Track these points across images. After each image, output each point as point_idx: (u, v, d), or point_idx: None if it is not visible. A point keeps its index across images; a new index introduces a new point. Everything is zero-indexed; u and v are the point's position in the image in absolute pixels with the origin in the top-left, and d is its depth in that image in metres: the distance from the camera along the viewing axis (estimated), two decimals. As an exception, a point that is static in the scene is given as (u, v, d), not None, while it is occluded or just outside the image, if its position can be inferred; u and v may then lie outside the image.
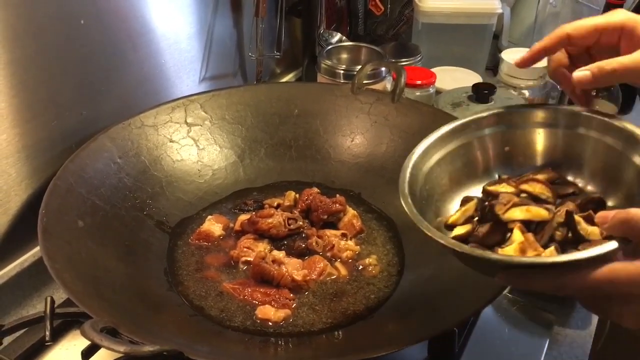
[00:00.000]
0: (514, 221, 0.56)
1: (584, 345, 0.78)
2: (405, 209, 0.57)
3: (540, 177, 0.61)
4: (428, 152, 0.64)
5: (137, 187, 0.86)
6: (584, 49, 0.61)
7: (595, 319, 0.81)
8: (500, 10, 1.30)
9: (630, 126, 0.58)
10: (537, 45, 0.61)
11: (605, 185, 0.60)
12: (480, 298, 0.65)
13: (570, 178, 0.63)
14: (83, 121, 0.89)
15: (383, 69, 1.08)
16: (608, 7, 1.11)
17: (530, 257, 0.52)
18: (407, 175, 0.61)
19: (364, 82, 0.99)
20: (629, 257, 0.46)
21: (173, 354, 0.54)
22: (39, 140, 0.83)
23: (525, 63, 0.63)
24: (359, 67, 1.01)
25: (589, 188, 0.61)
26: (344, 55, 1.17)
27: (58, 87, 0.84)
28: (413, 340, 0.63)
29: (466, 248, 0.53)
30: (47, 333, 0.59)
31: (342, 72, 1.09)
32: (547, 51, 0.61)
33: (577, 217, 0.53)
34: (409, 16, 1.40)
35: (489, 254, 0.51)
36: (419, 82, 1.11)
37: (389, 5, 1.39)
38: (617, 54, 0.58)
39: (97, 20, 0.87)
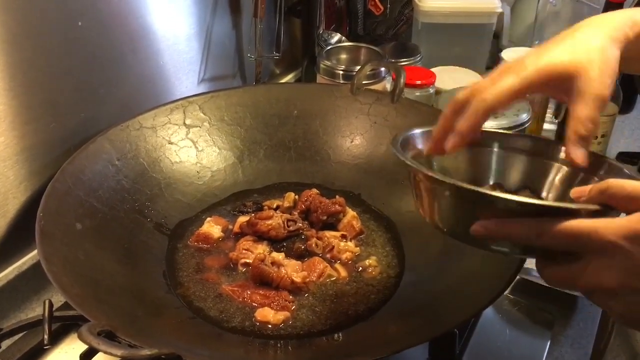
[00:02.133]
0: None
1: (585, 346, 0.78)
2: (393, 149, 0.56)
3: None
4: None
5: (136, 189, 0.86)
6: None
7: (597, 319, 0.81)
8: (500, 10, 1.30)
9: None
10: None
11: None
12: (481, 299, 0.64)
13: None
14: (82, 123, 0.88)
15: (382, 69, 1.07)
16: (608, 6, 1.10)
17: (523, 197, 0.48)
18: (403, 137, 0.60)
19: (364, 82, 0.98)
20: None
21: (172, 357, 0.54)
22: (37, 143, 0.83)
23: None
24: (359, 67, 1.00)
25: None
26: (344, 56, 1.16)
27: (57, 89, 0.84)
28: (414, 342, 0.63)
29: (453, 180, 0.49)
30: (46, 336, 0.58)
31: (341, 72, 1.09)
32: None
33: None
34: (408, 16, 1.40)
35: (478, 189, 0.48)
36: (418, 82, 1.11)
37: (389, 5, 1.39)
38: None
39: (96, 22, 0.87)
